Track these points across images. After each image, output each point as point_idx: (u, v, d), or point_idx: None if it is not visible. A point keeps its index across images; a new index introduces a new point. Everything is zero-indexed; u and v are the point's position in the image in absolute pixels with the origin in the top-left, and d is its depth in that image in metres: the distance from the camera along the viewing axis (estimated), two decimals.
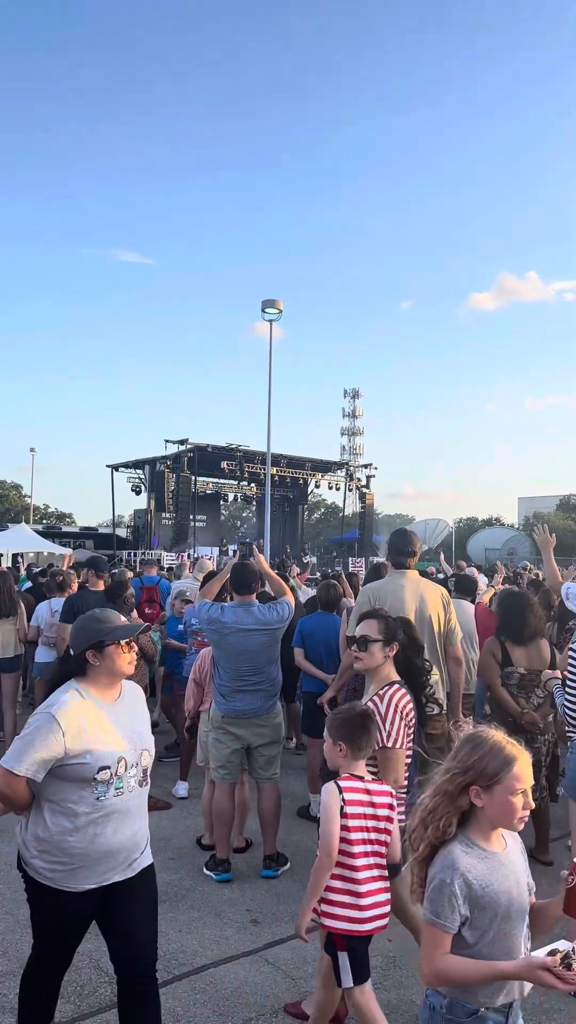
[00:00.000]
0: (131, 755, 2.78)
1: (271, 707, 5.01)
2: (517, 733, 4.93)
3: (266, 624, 4.95)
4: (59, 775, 2.67)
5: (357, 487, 41.05)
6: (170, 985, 3.60)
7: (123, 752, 2.75)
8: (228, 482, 40.23)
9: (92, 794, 2.68)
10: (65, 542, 33.09)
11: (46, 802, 2.71)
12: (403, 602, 4.62)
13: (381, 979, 3.67)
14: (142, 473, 36.63)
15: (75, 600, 7.32)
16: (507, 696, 5.01)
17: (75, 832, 2.68)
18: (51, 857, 2.70)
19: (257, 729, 4.95)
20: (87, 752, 2.66)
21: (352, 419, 66.93)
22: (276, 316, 21.71)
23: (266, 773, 5.02)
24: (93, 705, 2.75)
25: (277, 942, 4.03)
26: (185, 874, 4.89)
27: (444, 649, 4.71)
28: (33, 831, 2.73)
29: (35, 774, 2.62)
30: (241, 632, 4.90)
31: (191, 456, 33.01)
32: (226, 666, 4.94)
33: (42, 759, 2.61)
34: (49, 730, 2.63)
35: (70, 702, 2.71)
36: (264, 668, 4.96)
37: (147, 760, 2.86)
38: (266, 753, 5.00)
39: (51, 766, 2.64)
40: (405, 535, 4.93)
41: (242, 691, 4.91)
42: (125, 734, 2.78)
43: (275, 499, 36.52)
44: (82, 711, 2.71)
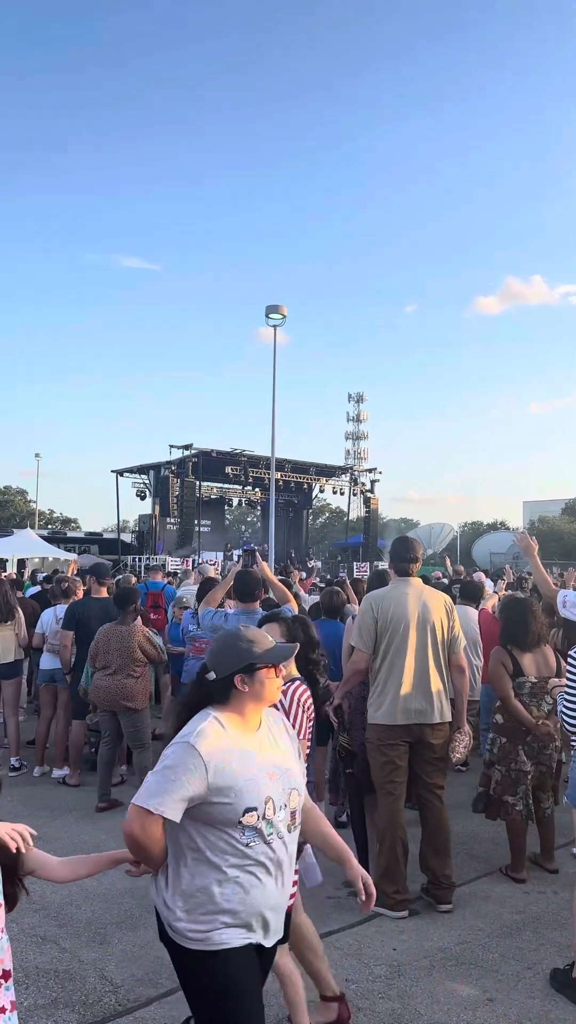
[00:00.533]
0: (279, 795, 2.38)
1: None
2: (531, 743, 4.95)
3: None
4: (200, 818, 2.30)
5: (362, 491, 41.01)
6: (174, 995, 3.59)
7: (270, 791, 2.35)
8: (233, 487, 40.22)
9: (239, 840, 2.29)
10: (70, 547, 33.13)
11: (188, 851, 2.33)
12: (406, 609, 4.62)
13: (385, 988, 3.67)
14: (147, 478, 36.68)
15: (77, 607, 7.35)
16: (521, 707, 4.97)
17: (222, 885, 2.29)
18: (202, 915, 2.31)
19: None
20: (230, 789, 2.28)
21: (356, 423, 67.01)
22: (280, 321, 21.72)
23: None
24: (235, 736, 2.39)
25: None
26: None
27: (447, 657, 4.71)
28: (175, 888, 2.34)
29: (175, 815, 2.24)
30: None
31: (196, 461, 33.01)
32: None
33: (182, 797, 2.24)
34: (190, 763, 2.26)
35: (210, 731, 2.33)
36: None
37: (295, 801, 2.45)
38: None
39: (191, 806, 2.28)
40: (407, 542, 4.93)
41: None
42: (270, 770, 2.39)
43: (279, 504, 36.53)
44: (224, 742, 2.34)
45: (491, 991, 3.68)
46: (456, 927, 4.34)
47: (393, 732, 4.55)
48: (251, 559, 5.72)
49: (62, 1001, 3.54)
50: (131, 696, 6.34)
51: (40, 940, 4.11)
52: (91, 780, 6.95)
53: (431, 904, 4.58)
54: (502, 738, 5.09)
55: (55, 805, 6.50)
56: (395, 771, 4.57)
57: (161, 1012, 3.45)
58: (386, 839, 4.53)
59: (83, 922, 4.33)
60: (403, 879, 4.51)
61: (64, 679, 7.40)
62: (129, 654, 6.36)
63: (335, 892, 4.79)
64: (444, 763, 4.73)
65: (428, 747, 4.62)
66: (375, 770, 4.62)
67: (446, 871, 4.59)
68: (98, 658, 6.44)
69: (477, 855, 5.44)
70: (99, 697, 6.43)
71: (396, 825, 4.54)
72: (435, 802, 4.65)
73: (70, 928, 4.26)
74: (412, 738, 4.58)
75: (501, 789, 5.01)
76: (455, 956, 4.01)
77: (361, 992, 3.63)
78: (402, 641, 4.58)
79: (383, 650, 4.61)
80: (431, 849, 4.61)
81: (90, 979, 3.73)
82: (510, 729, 5.05)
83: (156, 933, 4.09)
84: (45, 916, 4.39)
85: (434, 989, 3.68)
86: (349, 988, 3.66)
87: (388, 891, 4.45)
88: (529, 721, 4.93)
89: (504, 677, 5.09)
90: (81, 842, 5.59)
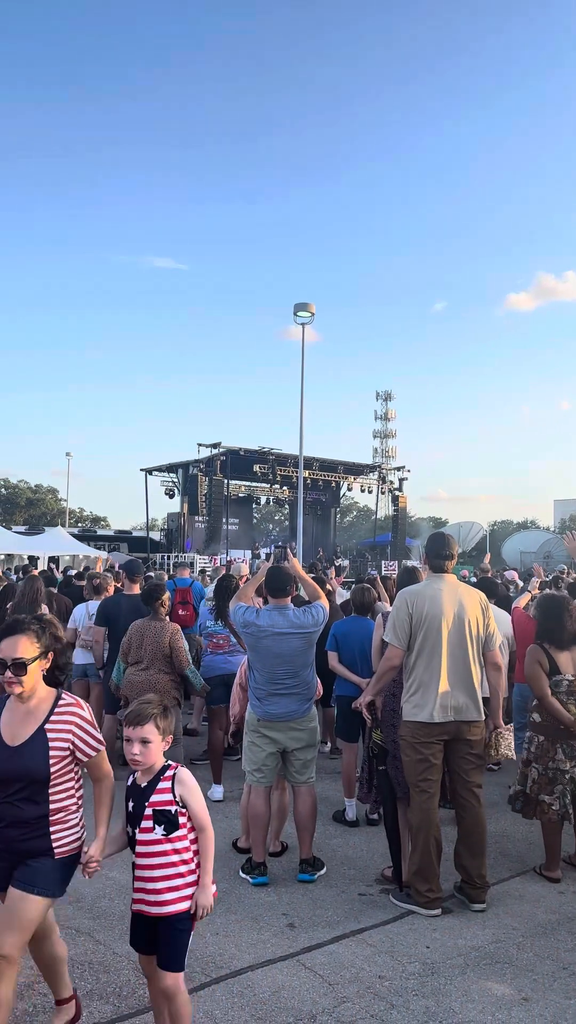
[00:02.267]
0: None
1: (306, 711, 5.01)
2: (570, 741, 4.89)
3: (301, 627, 4.95)
4: None
5: (390, 490, 40.90)
6: (207, 988, 3.61)
7: None
8: (261, 485, 40.31)
9: None
10: (100, 545, 33.45)
11: None
12: (441, 606, 4.59)
13: (419, 986, 3.65)
14: (175, 477, 36.91)
15: (110, 604, 7.40)
16: (559, 705, 4.92)
17: None
18: None
19: (292, 733, 4.94)
20: None
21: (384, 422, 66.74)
22: (308, 319, 21.74)
23: (302, 777, 5.02)
24: None
25: (314, 947, 4.02)
26: (221, 877, 4.89)
27: (483, 654, 4.67)
28: None
29: None
30: (276, 635, 4.91)
31: (224, 460, 33.15)
32: (261, 669, 4.95)
33: None
34: None
35: None
36: (299, 672, 4.96)
37: None
38: (301, 757, 5.00)
39: None
40: (443, 538, 4.89)
41: (277, 695, 4.92)
42: None
43: (307, 502, 36.52)
44: None
45: (526, 990, 3.64)
46: (490, 926, 4.31)
47: (428, 729, 4.52)
48: (283, 555, 5.71)
49: (97, 993, 3.56)
50: (164, 691, 6.36)
51: (75, 932, 4.14)
52: (122, 775, 6.99)
53: (464, 903, 4.55)
54: (540, 736, 5.04)
55: (87, 799, 6.52)
56: (429, 769, 4.53)
57: (195, 1005, 3.44)
58: (420, 837, 4.50)
59: (116, 915, 4.35)
60: (436, 878, 4.48)
61: (96, 674, 7.46)
62: (161, 650, 6.38)
63: (367, 889, 4.79)
64: (482, 761, 4.70)
65: (465, 744, 4.59)
66: (409, 768, 4.60)
67: (481, 870, 4.56)
68: (130, 653, 6.47)
69: (511, 854, 5.39)
70: (131, 692, 6.46)
71: (430, 823, 4.51)
72: (473, 801, 4.61)
73: (104, 921, 4.29)
74: (448, 736, 4.55)
75: (538, 788, 4.96)
76: (489, 955, 3.98)
77: (395, 989, 3.62)
78: (437, 637, 4.55)
79: (418, 646, 4.58)
80: (466, 848, 4.58)
81: (124, 971, 3.75)
82: (548, 728, 5.00)
83: None
84: (79, 909, 4.43)
85: (468, 988, 3.65)
86: (382, 985, 3.65)
87: (422, 889, 4.43)
88: (568, 719, 4.87)
89: (541, 675, 5.03)
90: (112, 838, 5.61)
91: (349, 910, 4.49)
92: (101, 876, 4.86)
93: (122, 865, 5.06)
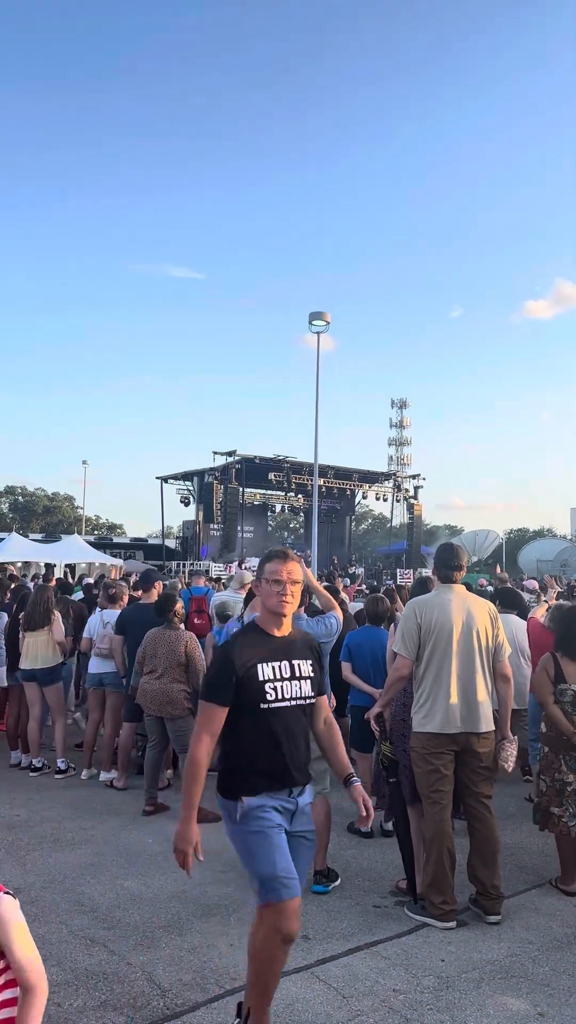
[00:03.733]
0: None
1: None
2: (572, 753, 4.87)
3: (313, 637, 4.95)
4: None
5: (405, 498, 40.82)
6: (222, 1000, 3.61)
7: None
8: (275, 493, 40.37)
9: None
10: (116, 553, 33.58)
11: None
12: (450, 616, 4.58)
13: (433, 1000, 3.63)
14: (191, 485, 37.04)
15: (127, 613, 7.45)
16: (560, 714, 4.92)
17: None
18: None
19: None
20: None
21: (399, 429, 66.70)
22: (324, 328, 21.73)
23: (314, 789, 4.99)
24: None
25: (328, 959, 4.01)
26: (236, 888, 4.90)
27: (492, 665, 4.66)
28: None
29: None
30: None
31: (239, 468, 33.25)
32: None
33: None
34: None
35: None
36: None
37: None
38: (313, 768, 4.97)
39: None
40: (452, 549, 4.89)
41: None
42: None
43: (322, 510, 36.50)
44: None
45: (542, 1005, 3.62)
46: (505, 939, 4.28)
47: (438, 740, 4.51)
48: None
49: (111, 1003, 3.57)
50: (176, 701, 6.39)
51: (89, 943, 4.15)
52: (138, 783, 7.02)
53: (479, 915, 4.52)
54: (545, 747, 5.03)
55: (102, 808, 6.57)
56: (441, 780, 4.52)
57: (209, 1017, 3.46)
58: (433, 849, 4.48)
59: (131, 925, 4.36)
60: (451, 890, 4.46)
61: (112, 682, 7.49)
62: (175, 659, 6.41)
63: (381, 901, 4.77)
64: (491, 772, 4.67)
65: (475, 756, 4.57)
66: (420, 779, 4.58)
67: (495, 881, 4.53)
68: (145, 662, 6.50)
69: (526, 866, 5.36)
70: (145, 701, 6.49)
71: (443, 835, 4.49)
72: (484, 812, 4.59)
73: (118, 931, 4.30)
74: (458, 747, 4.53)
75: (547, 800, 4.94)
76: (505, 969, 3.95)
77: (409, 1003, 3.60)
78: (446, 648, 4.54)
79: (427, 657, 4.57)
80: (480, 860, 4.55)
81: (138, 982, 3.75)
82: (553, 739, 4.98)
83: (204, 938, 4.15)
84: (93, 919, 4.44)
85: (484, 1002, 3.63)
86: (397, 998, 3.63)
87: (436, 901, 4.41)
88: (567, 728, 4.86)
89: (545, 683, 5.04)
90: (128, 844, 5.65)
91: (363, 922, 4.47)
92: (116, 886, 4.89)
93: (136, 875, 5.09)
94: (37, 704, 7.69)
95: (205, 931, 4.31)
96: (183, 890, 4.86)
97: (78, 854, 5.45)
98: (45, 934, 4.22)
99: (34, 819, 6.21)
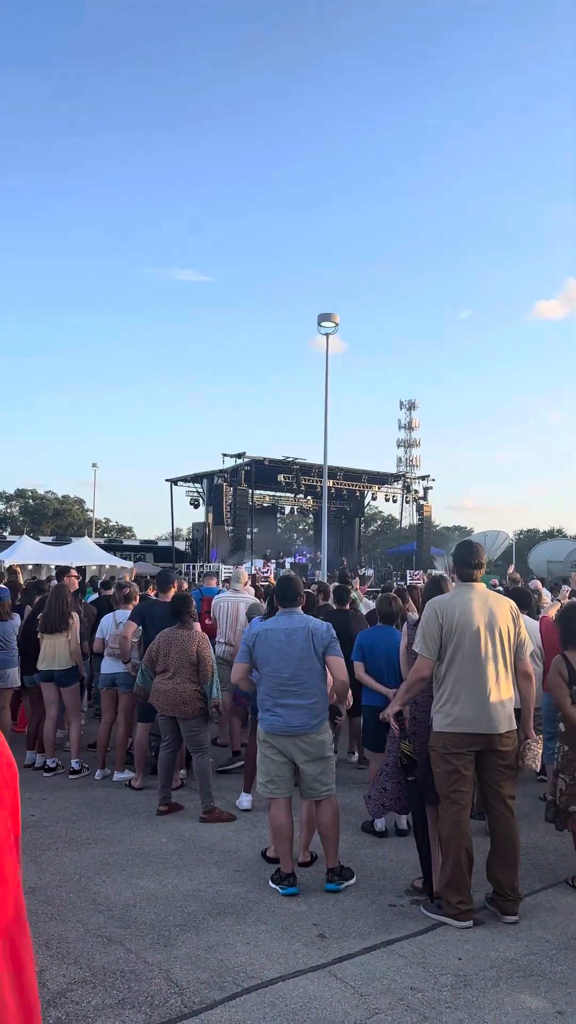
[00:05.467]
0: None
1: (314, 727, 4.91)
2: None
3: (308, 626, 4.95)
4: None
5: (414, 499, 40.75)
6: (239, 998, 3.60)
7: None
8: (285, 495, 40.36)
9: None
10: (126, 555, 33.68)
11: None
12: (472, 615, 4.56)
13: (451, 998, 3.62)
14: (200, 487, 37.07)
15: (143, 607, 7.49)
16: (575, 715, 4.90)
17: None
18: None
19: (300, 746, 4.89)
20: None
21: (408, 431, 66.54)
22: (332, 329, 21.76)
23: (315, 792, 4.90)
24: None
25: (345, 957, 4.01)
26: (251, 887, 4.91)
27: (514, 664, 4.64)
28: None
29: None
30: (284, 632, 4.91)
31: (248, 469, 33.24)
32: (268, 674, 4.92)
33: None
34: None
35: None
36: (305, 678, 4.88)
37: None
38: (311, 771, 4.90)
39: None
40: (471, 547, 4.87)
41: (283, 705, 4.87)
42: None
43: (331, 511, 36.49)
44: None
45: (560, 1004, 3.60)
46: (522, 938, 4.27)
47: (459, 740, 4.49)
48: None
49: (129, 1001, 3.57)
50: (190, 701, 6.39)
51: (106, 941, 4.15)
52: (152, 783, 7.03)
53: (496, 915, 4.50)
54: (565, 746, 5.00)
55: (117, 808, 6.58)
56: (460, 780, 4.50)
57: (226, 1015, 3.46)
58: (451, 849, 4.47)
59: (147, 924, 4.36)
60: (468, 889, 4.45)
61: (124, 682, 7.50)
62: (188, 658, 6.41)
63: (397, 900, 4.76)
64: (514, 772, 4.65)
65: (497, 755, 4.55)
66: (439, 779, 4.57)
67: (514, 882, 4.51)
68: (158, 662, 6.50)
69: (542, 866, 5.34)
70: (158, 701, 6.49)
71: (461, 835, 4.47)
72: (505, 812, 4.57)
73: (134, 930, 4.30)
74: (479, 747, 4.52)
75: (566, 799, 4.92)
76: (522, 967, 3.94)
77: (427, 1001, 3.59)
78: (468, 648, 4.52)
79: (448, 657, 4.55)
80: (499, 860, 4.53)
81: (156, 980, 3.75)
82: (572, 738, 4.96)
83: (220, 936, 4.15)
84: (109, 917, 4.44)
85: (502, 1000, 3.61)
86: (415, 997, 3.62)
87: (453, 901, 4.40)
88: None
89: (560, 684, 5.02)
90: (143, 844, 5.65)
91: (380, 921, 4.47)
92: (132, 885, 4.90)
93: (152, 874, 5.10)
94: (54, 705, 7.72)
95: (221, 929, 4.31)
96: (198, 889, 4.86)
97: (93, 853, 5.46)
98: (62, 932, 4.23)
99: (49, 819, 6.23)
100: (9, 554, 24.47)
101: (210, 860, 5.37)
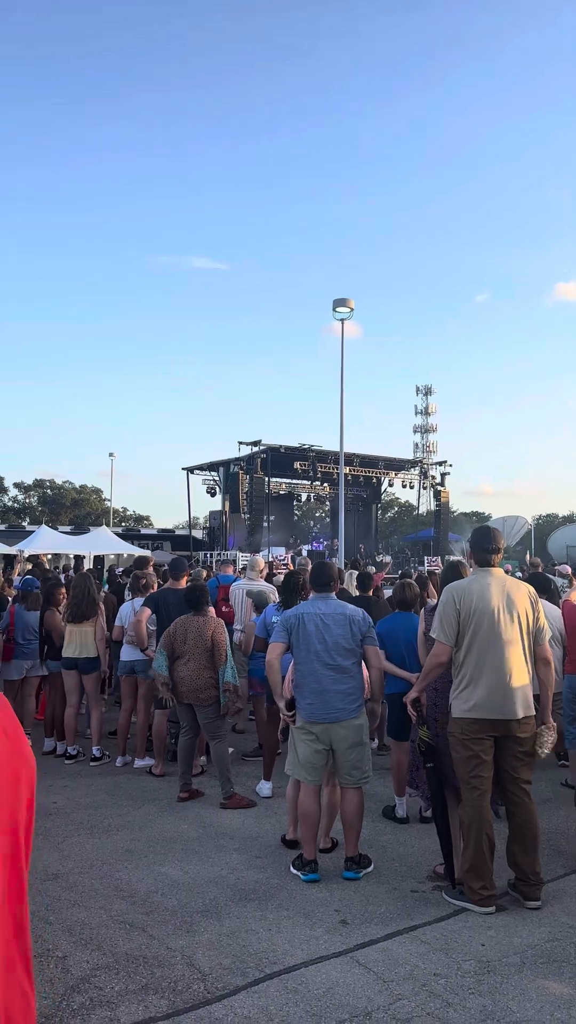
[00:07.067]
0: None
1: (352, 712, 4.92)
2: None
3: (345, 613, 4.95)
4: None
5: (431, 485, 40.54)
6: (262, 984, 3.61)
7: None
8: (301, 482, 40.27)
9: None
10: (143, 544, 33.74)
11: None
12: (490, 601, 4.52)
13: (475, 984, 3.60)
14: (216, 475, 37.07)
15: (158, 597, 7.49)
16: None
17: None
18: None
19: (338, 732, 4.89)
20: None
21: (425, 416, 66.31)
22: (348, 315, 21.59)
23: (352, 778, 4.92)
24: None
25: (367, 943, 4.00)
26: (272, 872, 4.91)
27: (533, 649, 4.59)
28: None
29: None
30: (320, 617, 4.92)
31: (264, 457, 33.16)
32: (304, 660, 4.91)
33: None
34: None
35: None
36: (342, 664, 4.89)
37: None
38: (350, 757, 4.93)
39: None
40: (488, 532, 4.82)
41: (320, 691, 4.87)
42: None
43: (348, 498, 36.38)
44: None
45: None
46: (546, 924, 4.24)
47: (478, 726, 4.46)
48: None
49: (152, 987, 3.58)
50: (206, 688, 6.40)
51: (128, 927, 4.17)
52: (172, 770, 7.05)
53: (519, 900, 4.48)
54: None
55: (137, 795, 6.61)
56: (480, 766, 4.47)
57: (249, 1001, 3.46)
58: (472, 835, 4.45)
59: (170, 910, 4.38)
60: (490, 875, 4.43)
61: (144, 670, 7.52)
62: (203, 644, 6.41)
63: (419, 886, 4.75)
64: (531, 758, 4.62)
65: (515, 741, 4.51)
66: (459, 765, 4.54)
67: (535, 867, 4.49)
68: (175, 648, 6.50)
69: (565, 851, 5.30)
70: (176, 688, 6.50)
71: (482, 820, 4.45)
72: (523, 798, 4.54)
73: (157, 916, 4.32)
74: (497, 732, 4.48)
75: None
76: (546, 953, 3.92)
77: (451, 987, 3.58)
78: (486, 633, 4.48)
79: (467, 642, 4.52)
80: (519, 845, 4.51)
81: (178, 966, 3.76)
82: None
83: (242, 922, 4.16)
84: (132, 904, 4.46)
85: (525, 986, 3.59)
86: (438, 982, 3.61)
87: (475, 887, 4.38)
88: None
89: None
90: (164, 831, 5.67)
91: (402, 907, 4.46)
92: (153, 871, 4.91)
93: (174, 860, 5.11)
94: (75, 692, 7.76)
95: (243, 915, 4.31)
96: (220, 875, 4.87)
97: (115, 840, 5.49)
98: (85, 919, 4.25)
99: (70, 806, 6.26)
100: (28, 544, 24.59)
101: (231, 846, 5.38)
